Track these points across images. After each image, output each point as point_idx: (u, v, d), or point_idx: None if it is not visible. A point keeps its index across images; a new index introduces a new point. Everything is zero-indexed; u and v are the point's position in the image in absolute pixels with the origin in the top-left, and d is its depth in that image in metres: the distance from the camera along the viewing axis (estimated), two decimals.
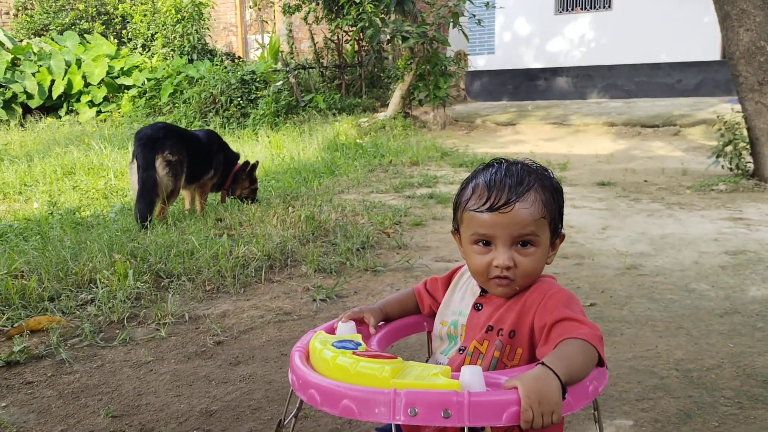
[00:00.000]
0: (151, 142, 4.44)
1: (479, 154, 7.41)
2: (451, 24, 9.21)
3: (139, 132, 4.61)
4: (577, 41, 11.55)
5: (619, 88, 11.41)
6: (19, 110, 11.44)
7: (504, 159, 1.39)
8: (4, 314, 2.86)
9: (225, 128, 10.08)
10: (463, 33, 9.40)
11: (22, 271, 3.32)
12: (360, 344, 1.27)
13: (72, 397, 2.25)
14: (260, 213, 4.58)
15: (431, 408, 1.05)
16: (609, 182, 5.78)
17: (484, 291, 1.39)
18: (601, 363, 1.20)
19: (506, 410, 1.06)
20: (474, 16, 9.69)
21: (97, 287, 3.14)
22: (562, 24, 11.65)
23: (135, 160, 4.45)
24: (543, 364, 1.11)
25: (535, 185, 1.32)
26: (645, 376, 2.29)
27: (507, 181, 1.31)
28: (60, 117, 11.66)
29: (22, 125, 10.72)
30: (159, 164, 4.41)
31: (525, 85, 12.00)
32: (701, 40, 10.67)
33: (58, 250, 3.62)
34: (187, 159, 4.56)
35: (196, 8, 13.05)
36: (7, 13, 14.90)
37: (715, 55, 10.75)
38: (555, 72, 11.80)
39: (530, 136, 8.83)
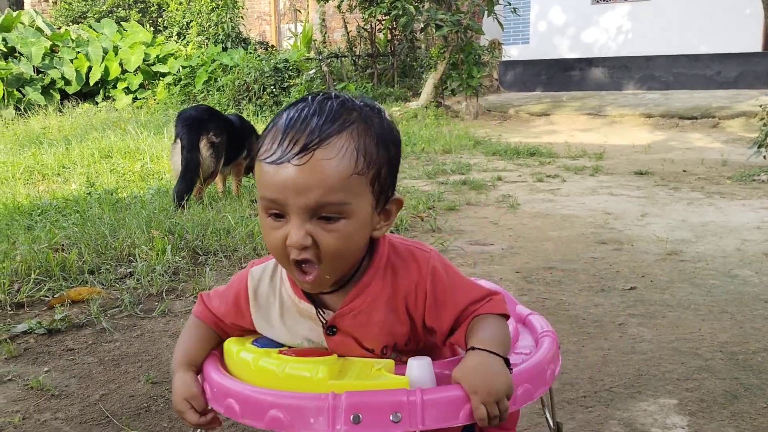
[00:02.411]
0: (196, 123, 4.47)
1: (512, 143, 7.34)
2: (486, 12, 9.12)
3: (182, 113, 4.64)
4: (614, 31, 11.36)
5: (656, 80, 11.20)
6: (57, 96, 11.62)
7: (329, 92, 1.04)
8: (45, 285, 2.91)
9: (258, 116, 10.13)
10: (498, 22, 9.30)
11: (63, 245, 3.38)
12: None
13: (112, 363, 2.27)
14: None
15: (378, 412, 0.89)
16: (647, 171, 5.67)
17: (309, 297, 1.07)
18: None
19: (463, 407, 0.93)
20: (509, 4, 9.58)
21: (135, 261, 3.18)
22: (599, 14, 11.47)
23: (178, 141, 4.47)
24: (474, 348, 0.99)
25: (354, 126, 0.97)
26: (689, 357, 2.24)
27: (314, 120, 0.96)
28: (97, 103, 11.83)
29: (60, 110, 10.89)
30: (203, 146, 4.44)
31: (559, 75, 11.84)
32: (742, 32, 10.43)
33: (97, 227, 3.67)
34: (226, 141, 4.60)
35: None
36: (47, 1, 15.16)
37: (756, 46, 10.49)
38: (590, 62, 11.63)
39: (564, 127, 8.72)
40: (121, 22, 13.63)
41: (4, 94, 10.75)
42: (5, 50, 11.44)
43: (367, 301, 1.04)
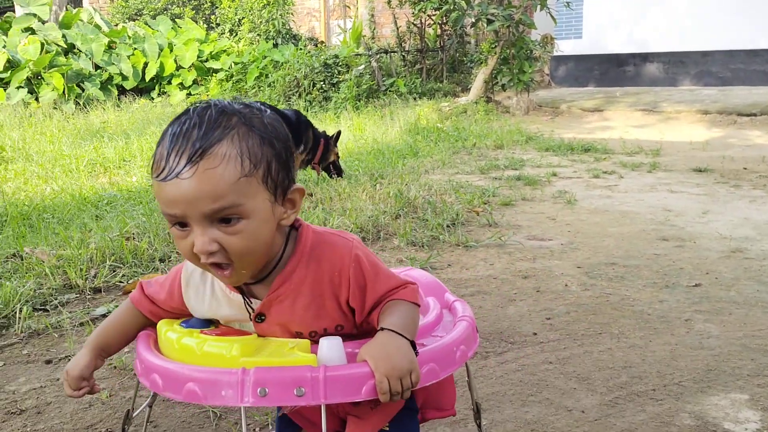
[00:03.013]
0: None
1: (566, 139, 7.28)
2: (538, 7, 9.04)
3: None
4: (669, 26, 11.11)
5: (713, 75, 10.92)
6: (115, 91, 11.98)
7: (209, 101, 1.06)
8: (119, 271, 3.04)
9: (308, 111, 10.25)
10: (551, 16, 9.21)
11: (133, 234, 3.51)
12: (212, 323, 1.18)
13: None
14: (349, 189, 4.67)
15: (283, 386, 0.96)
16: (706, 169, 5.57)
17: (238, 287, 1.13)
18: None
19: (365, 383, 0.99)
20: None
21: None
22: (654, 7, 11.22)
23: None
24: (384, 329, 1.06)
25: (234, 131, 1.00)
26: (758, 354, 2.22)
27: (194, 132, 0.99)
28: (152, 98, 12.15)
29: (117, 105, 11.23)
30: None
31: (613, 70, 11.65)
32: None
33: (163, 217, 3.80)
34: None
35: None
36: None
37: None
38: (645, 58, 11.40)
39: (619, 123, 8.59)
40: (176, 20, 13.95)
41: (64, 89, 11.13)
42: (65, 47, 11.84)
43: (291, 288, 1.10)
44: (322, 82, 10.87)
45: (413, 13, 11.16)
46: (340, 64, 11.15)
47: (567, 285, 2.92)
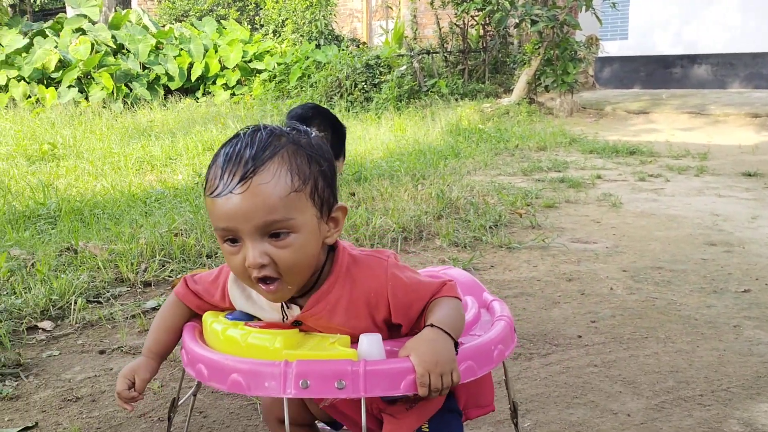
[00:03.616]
0: (301, 120, 4.66)
1: (610, 141, 7.18)
2: (584, 7, 8.92)
3: (291, 111, 4.85)
4: (718, 26, 10.86)
5: (763, 78, 10.64)
6: (161, 91, 12.21)
7: (259, 125, 1.13)
8: (168, 266, 3.12)
9: (349, 111, 10.32)
10: (596, 16, 9.08)
11: (181, 230, 3.60)
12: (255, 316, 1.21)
13: None
14: (391, 189, 4.69)
15: (324, 379, 0.99)
16: (756, 173, 5.44)
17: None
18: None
19: (404, 378, 1.01)
20: None
21: None
22: (703, 8, 10.99)
23: None
24: (431, 325, 1.08)
25: (284, 150, 1.06)
26: None
27: (247, 152, 1.05)
28: (197, 98, 12.36)
29: (164, 105, 11.46)
30: None
31: (659, 72, 11.44)
32: None
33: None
34: (331, 135, 4.76)
35: None
36: (152, 0, 15.94)
37: None
38: (693, 59, 11.17)
39: (665, 125, 8.43)
40: (221, 21, 14.18)
41: (113, 88, 11.42)
42: (114, 47, 12.14)
43: (327, 308, 1.13)
44: (363, 83, 10.92)
45: (456, 13, 11.14)
46: (382, 64, 11.19)
47: (612, 288, 2.89)
